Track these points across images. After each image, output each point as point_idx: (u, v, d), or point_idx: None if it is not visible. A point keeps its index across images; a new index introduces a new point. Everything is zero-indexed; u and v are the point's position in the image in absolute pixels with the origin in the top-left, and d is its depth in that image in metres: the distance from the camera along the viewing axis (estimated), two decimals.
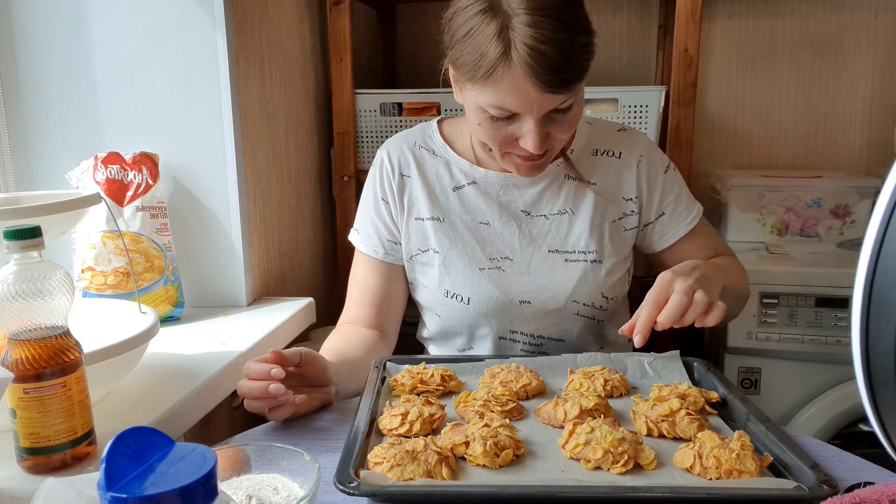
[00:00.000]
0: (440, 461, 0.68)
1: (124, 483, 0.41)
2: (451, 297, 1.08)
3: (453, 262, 1.08)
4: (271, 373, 0.81)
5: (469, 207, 1.08)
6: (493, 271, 1.07)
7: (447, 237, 1.08)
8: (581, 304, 1.07)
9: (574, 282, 1.06)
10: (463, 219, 1.08)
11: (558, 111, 0.92)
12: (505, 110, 0.90)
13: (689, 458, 0.69)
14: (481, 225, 1.08)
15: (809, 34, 1.94)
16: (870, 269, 0.32)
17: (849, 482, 0.68)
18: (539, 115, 0.90)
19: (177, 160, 1.27)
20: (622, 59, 2.06)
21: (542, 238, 1.07)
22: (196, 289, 1.32)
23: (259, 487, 0.62)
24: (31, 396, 0.67)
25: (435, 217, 1.09)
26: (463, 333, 1.11)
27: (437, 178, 1.10)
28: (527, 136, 0.92)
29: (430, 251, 1.09)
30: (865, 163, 1.98)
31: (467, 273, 1.07)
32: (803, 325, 1.55)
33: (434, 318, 1.12)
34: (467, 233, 1.08)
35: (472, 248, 1.07)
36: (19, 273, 0.67)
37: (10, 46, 1.23)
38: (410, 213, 1.10)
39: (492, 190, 1.08)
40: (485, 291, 1.06)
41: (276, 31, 1.45)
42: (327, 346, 1.05)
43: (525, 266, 1.07)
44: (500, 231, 1.07)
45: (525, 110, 0.90)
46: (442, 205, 1.09)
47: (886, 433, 0.34)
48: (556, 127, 0.94)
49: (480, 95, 0.91)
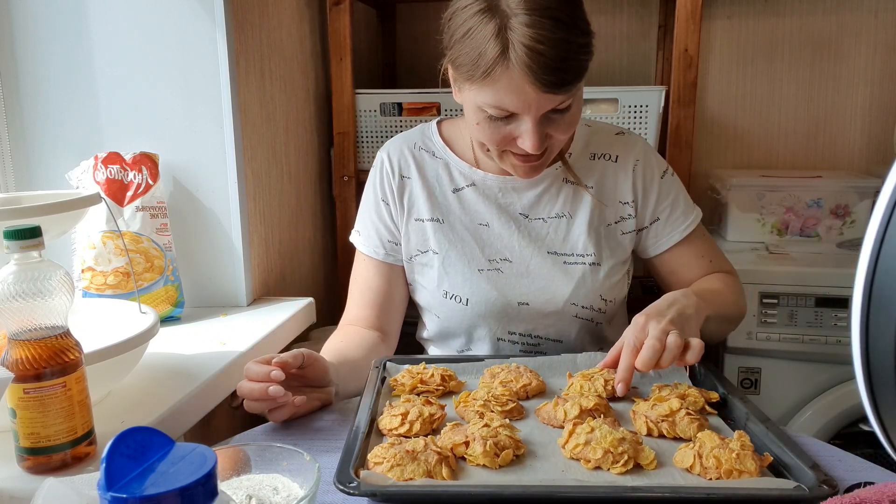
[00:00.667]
0: (440, 461, 0.68)
1: (124, 483, 0.41)
2: (449, 298, 1.08)
3: (452, 263, 1.08)
4: (271, 375, 0.81)
5: (468, 209, 1.08)
6: (491, 272, 1.07)
7: (446, 238, 1.08)
8: (580, 307, 1.07)
9: (573, 284, 1.06)
10: (462, 220, 1.08)
11: (557, 111, 0.92)
12: (503, 110, 0.90)
13: (689, 458, 0.69)
14: (480, 226, 1.08)
15: (809, 34, 1.94)
16: (870, 269, 0.32)
17: (849, 482, 0.68)
18: (537, 115, 0.90)
19: (177, 160, 1.27)
20: (622, 59, 2.06)
21: (541, 240, 1.07)
22: (196, 289, 1.32)
23: (259, 487, 0.62)
24: (31, 396, 0.67)
25: (434, 218, 1.09)
26: (461, 334, 1.11)
27: (436, 180, 1.10)
28: (525, 136, 0.92)
29: (429, 252, 1.09)
30: (865, 163, 1.98)
31: (466, 274, 1.07)
32: (803, 325, 1.55)
33: (433, 319, 1.12)
34: (466, 234, 1.08)
35: (472, 250, 1.07)
36: (19, 273, 0.67)
37: (10, 46, 1.23)
38: (410, 215, 1.10)
39: (491, 192, 1.08)
40: (483, 293, 1.06)
41: (276, 30, 1.45)
42: (328, 346, 1.05)
43: (524, 268, 1.07)
44: (500, 233, 1.07)
45: (523, 110, 0.90)
46: (441, 206, 1.09)
47: (886, 433, 0.34)
48: (554, 127, 0.93)
49: (479, 95, 0.91)
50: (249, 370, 0.83)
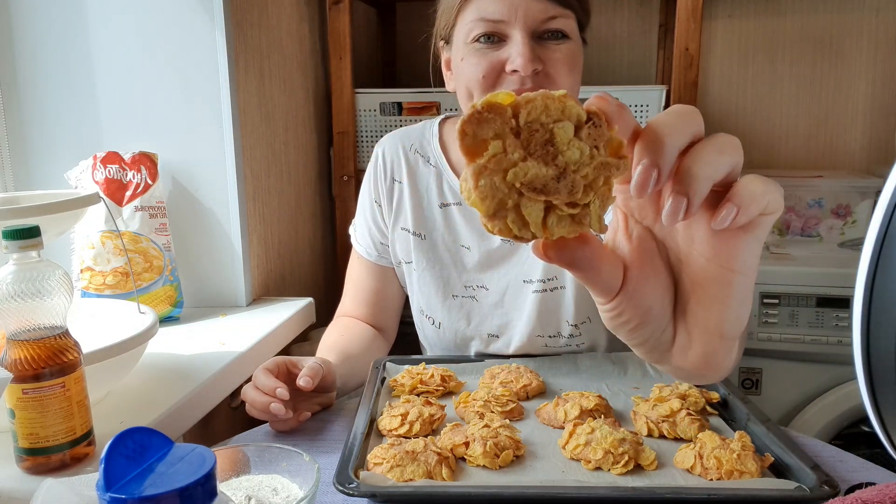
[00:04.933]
0: (440, 462, 0.68)
1: (123, 483, 0.41)
2: (425, 317, 1.06)
3: (427, 284, 1.04)
4: (276, 392, 0.79)
5: (452, 228, 1.04)
6: (466, 300, 1.03)
7: (425, 257, 1.04)
8: (546, 337, 0.99)
9: (534, 314, 0.98)
10: (444, 239, 1.04)
11: (549, 37, 0.86)
12: (489, 21, 0.85)
13: (689, 459, 0.69)
14: (462, 248, 1.03)
15: (810, 33, 1.94)
16: (871, 269, 0.32)
17: (850, 483, 0.68)
18: (526, 24, 0.85)
19: (176, 160, 1.27)
20: (623, 58, 2.06)
21: (520, 267, 1.01)
22: (195, 289, 1.32)
23: (258, 488, 0.61)
24: (29, 397, 0.67)
25: (418, 233, 1.05)
26: (436, 350, 1.08)
27: (426, 191, 1.05)
28: (515, 55, 0.84)
29: (411, 264, 1.07)
30: (866, 162, 1.98)
31: (440, 299, 1.04)
32: (804, 326, 1.55)
33: (417, 326, 1.11)
34: (447, 254, 1.04)
35: (449, 272, 1.03)
36: (18, 273, 0.67)
37: (9, 46, 1.23)
38: (398, 221, 1.07)
39: (476, 216, 1.06)
40: (454, 321, 1.03)
41: (275, 30, 1.45)
42: (327, 341, 1.05)
43: (499, 297, 1.01)
44: (479, 258, 1.02)
45: (511, 17, 0.84)
46: (427, 220, 1.05)
47: (887, 433, 0.34)
48: (548, 56, 0.86)
49: (462, 22, 0.88)
50: (258, 378, 0.82)
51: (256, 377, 0.83)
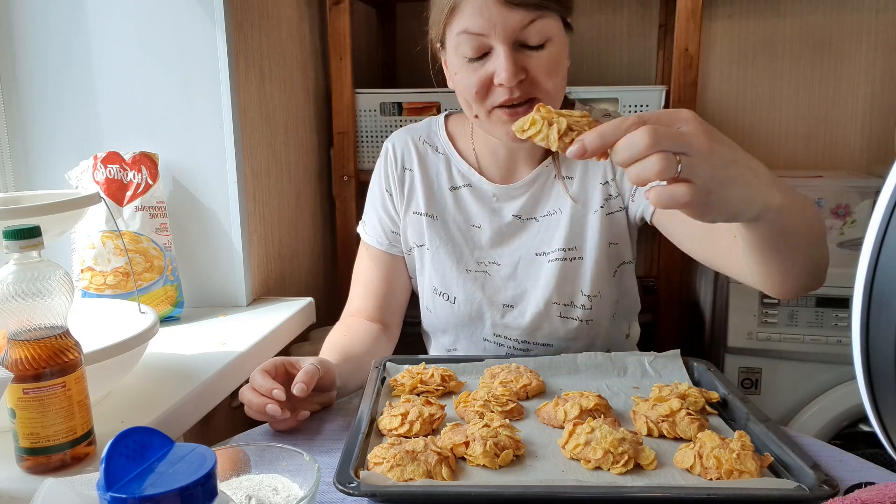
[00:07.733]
0: (440, 461, 0.68)
1: (124, 483, 0.41)
2: (439, 295, 1.09)
3: (441, 261, 1.08)
4: (272, 393, 0.80)
5: (462, 208, 1.09)
6: (479, 274, 1.07)
7: (438, 235, 1.08)
8: (561, 305, 1.05)
9: (553, 282, 1.04)
10: (455, 219, 1.09)
11: (530, 47, 0.90)
12: (472, 35, 0.89)
13: (689, 459, 0.69)
14: (473, 227, 1.08)
15: (810, 33, 1.94)
16: (870, 269, 0.32)
17: (849, 482, 0.68)
18: (506, 37, 0.88)
19: (176, 160, 1.27)
20: (622, 58, 2.06)
21: (532, 241, 1.06)
22: (195, 289, 1.32)
23: (259, 488, 0.62)
24: (30, 396, 0.67)
25: (430, 214, 1.09)
26: (449, 331, 1.11)
27: (436, 175, 1.10)
28: (499, 70, 0.89)
29: (423, 246, 1.10)
30: (866, 162, 1.98)
31: (455, 273, 1.07)
32: (804, 325, 1.55)
33: (426, 313, 1.13)
34: (458, 234, 1.08)
35: (461, 250, 1.08)
36: (19, 273, 0.67)
37: (9, 46, 1.23)
38: (410, 206, 1.11)
39: (486, 196, 1.07)
40: (469, 293, 1.07)
41: (275, 30, 1.45)
42: (331, 341, 1.05)
43: (511, 270, 1.06)
44: (491, 235, 1.07)
45: (490, 30, 0.88)
46: (438, 202, 1.09)
47: (887, 433, 0.34)
48: (531, 65, 0.90)
49: (451, 35, 0.92)
50: (255, 380, 0.82)
51: (253, 379, 0.83)
